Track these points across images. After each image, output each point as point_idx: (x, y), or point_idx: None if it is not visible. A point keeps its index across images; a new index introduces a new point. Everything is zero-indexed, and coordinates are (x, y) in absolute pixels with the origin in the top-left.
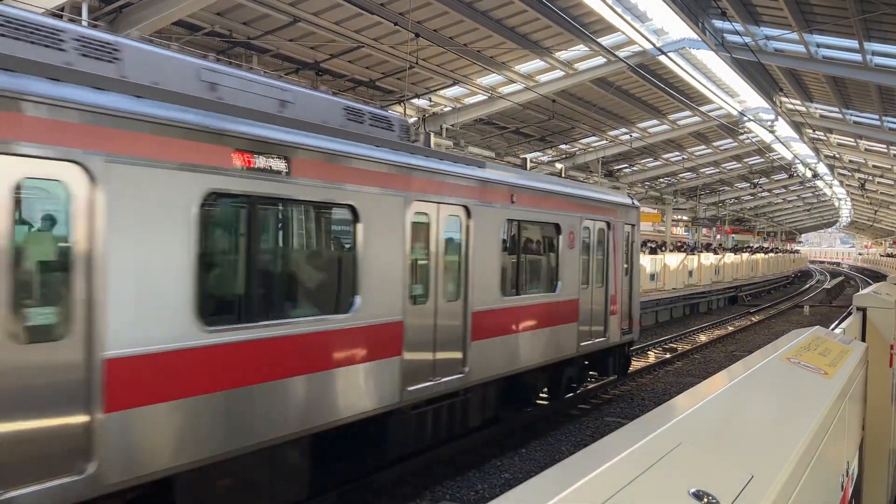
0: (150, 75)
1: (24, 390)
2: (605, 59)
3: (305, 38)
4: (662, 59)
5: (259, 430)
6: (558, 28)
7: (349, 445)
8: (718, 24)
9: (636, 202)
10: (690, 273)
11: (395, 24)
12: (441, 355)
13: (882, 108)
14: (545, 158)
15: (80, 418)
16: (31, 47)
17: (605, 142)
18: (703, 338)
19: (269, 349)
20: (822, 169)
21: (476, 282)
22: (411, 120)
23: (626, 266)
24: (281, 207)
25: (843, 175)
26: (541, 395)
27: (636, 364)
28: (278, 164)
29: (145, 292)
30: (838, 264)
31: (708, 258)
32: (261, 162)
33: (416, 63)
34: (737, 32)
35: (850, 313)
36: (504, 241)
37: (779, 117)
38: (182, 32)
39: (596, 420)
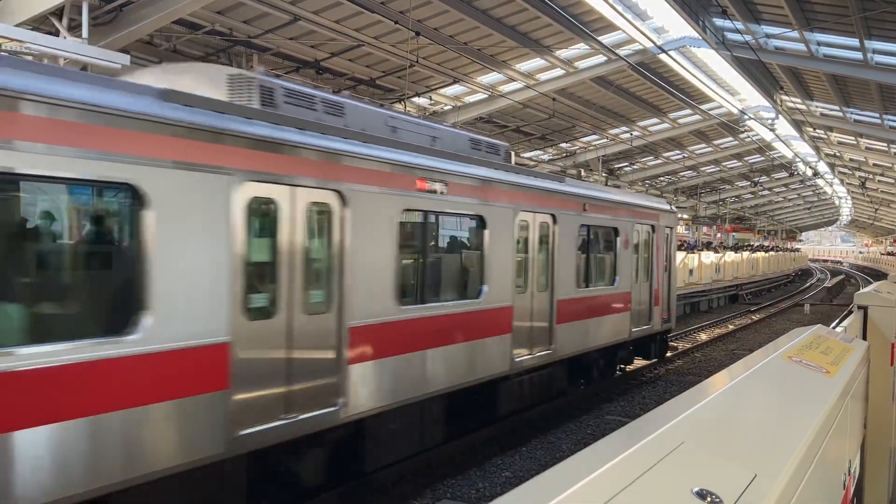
0: (360, 124)
1: (307, 350)
2: (605, 58)
3: (306, 37)
4: (663, 57)
5: (428, 384)
6: (558, 26)
7: (473, 402)
8: (719, 22)
9: (674, 207)
10: (691, 272)
11: (396, 22)
12: (536, 334)
13: (883, 106)
14: (545, 157)
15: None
16: (296, 109)
17: (605, 140)
18: (703, 336)
19: (434, 324)
20: (822, 167)
21: (559, 276)
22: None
23: (665, 263)
24: (440, 218)
25: (844, 173)
26: (598, 372)
27: (639, 360)
28: (440, 187)
29: (371, 280)
30: (839, 263)
31: (708, 256)
32: (430, 185)
33: (417, 61)
34: (737, 31)
35: (850, 312)
36: (579, 242)
37: (779, 115)
38: (182, 31)
39: (596, 419)
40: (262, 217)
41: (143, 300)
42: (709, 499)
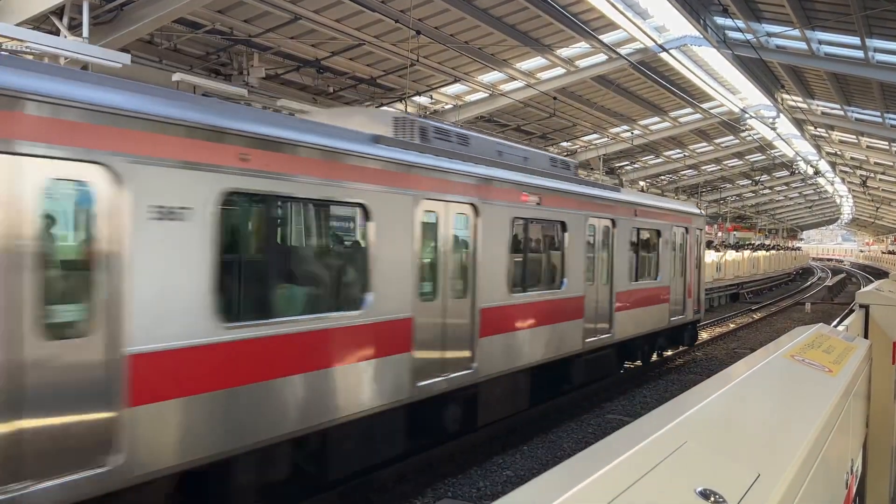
0: (479, 150)
1: (454, 326)
2: (606, 57)
3: (306, 36)
4: (664, 56)
5: (527, 357)
6: (559, 25)
7: (553, 376)
8: (720, 20)
9: (703, 212)
10: None
11: (396, 21)
12: (599, 322)
13: (884, 104)
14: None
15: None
16: (440, 142)
17: (606, 139)
18: (704, 335)
19: (532, 308)
20: (823, 166)
21: (617, 271)
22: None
23: (696, 261)
24: (537, 224)
25: (845, 172)
26: (639, 356)
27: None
28: (536, 199)
29: (493, 272)
30: (840, 261)
31: (709, 255)
32: (530, 198)
33: (417, 60)
34: (738, 29)
35: (852, 310)
36: (631, 243)
37: (780, 114)
38: (183, 30)
39: (597, 417)
40: (430, 225)
41: (367, 286)
42: (712, 498)
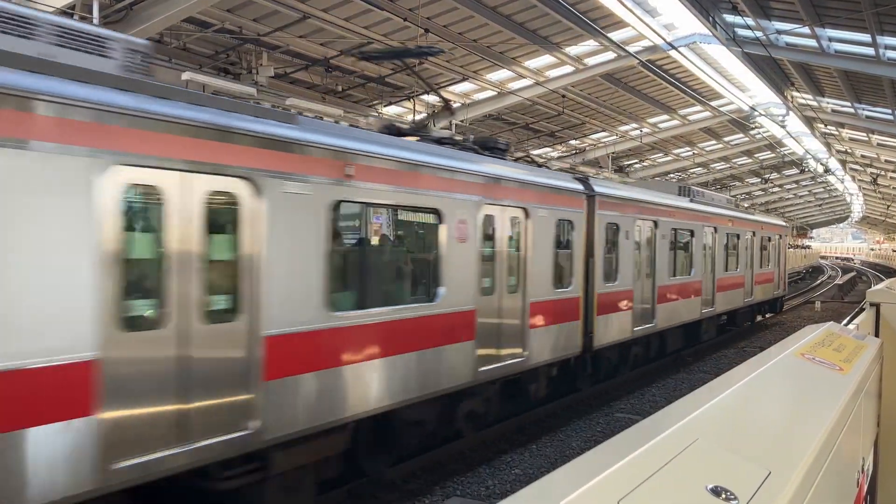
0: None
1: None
2: (614, 55)
3: (315, 35)
4: (673, 53)
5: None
6: (567, 23)
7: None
8: (729, 18)
9: (786, 223)
10: None
11: (405, 19)
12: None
13: (895, 102)
14: (555, 154)
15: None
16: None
17: (614, 137)
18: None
19: (727, 282)
20: (833, 164)
21: (753, 262)
22: (420, 116)
23: (784, 257)
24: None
25: (855, 170)
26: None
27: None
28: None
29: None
30: (850, 259)
31: None
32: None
33: (426, 59)
34: (748, 27)
35: (862, 309)
36: (762, 247)
37: (790, 112)
38: (192, 29)
39: (606, 416)
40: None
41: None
42: (724, 496)
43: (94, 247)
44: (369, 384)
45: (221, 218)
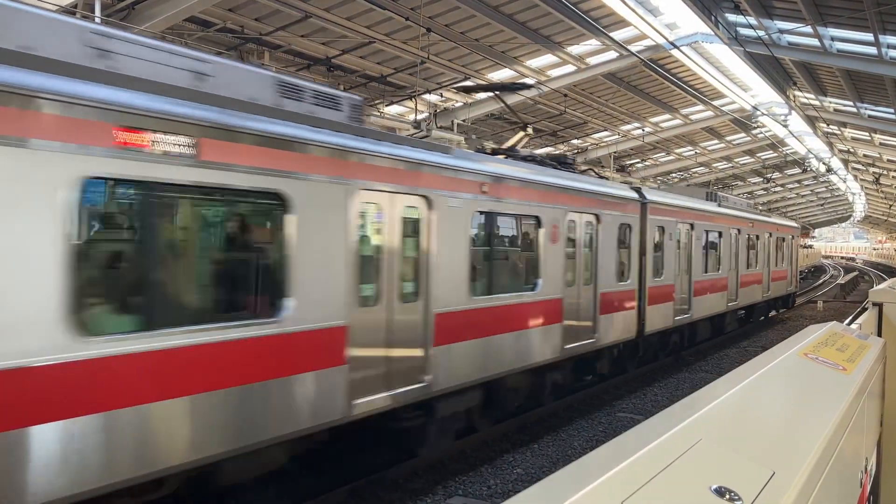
0: (734, 204)
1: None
2: (616, 54)
3: (317, 34)
4: (675, 53)
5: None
6: (570, 23)
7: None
8: (731, 17)
9: (798, 224)
10: None
11: (407, 19)
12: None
13: None
14: (556, 154)
15: None
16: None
17: (616, 136)
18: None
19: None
20: (835, 163)
21: (771, 260)
22: (422, 115)
23: (795, 255)
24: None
25: (858, 169)
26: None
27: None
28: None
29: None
30: (852, 259)
31: None
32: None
33: (428, 58)
34: (750, 26)
35: (864, 308)
36: (777, 246)
37: (792, 111)
38: (194, 29)
39: (608, 416)
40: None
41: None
42: (727, 496)
43: (348, 247)
44: (493, 354)
45: (410, 226)
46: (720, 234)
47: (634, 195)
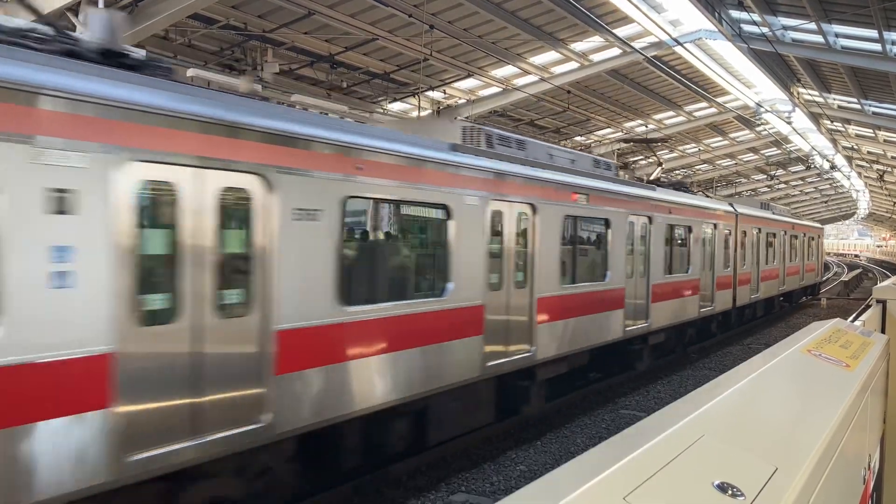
0: (779, 212)
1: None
2: (620, 51)
3: (320, 31)
4: (678, 50)
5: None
6: (573, 19)
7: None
8: (735, 14)
9: (822, 226)
10: None
11: (410, 16)
12: (770, 283)
13: None
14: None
15: None
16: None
17: (620, 133)
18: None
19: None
20: (839, 160)
21: (798, 255)
22: (426, 112)
23: (821, 251)
24: (769, 236)
25: (861, 166)
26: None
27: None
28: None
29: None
30: (856, 256)
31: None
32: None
33: (431, 55)
34: (754, 23)
35: (868, 306)
36: (808, 245)
37: (796, 108)
38: (197, 26)
39: (611, 413)
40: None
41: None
42: (730, 492)
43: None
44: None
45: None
46: (775, 235)
47: (731, 209)
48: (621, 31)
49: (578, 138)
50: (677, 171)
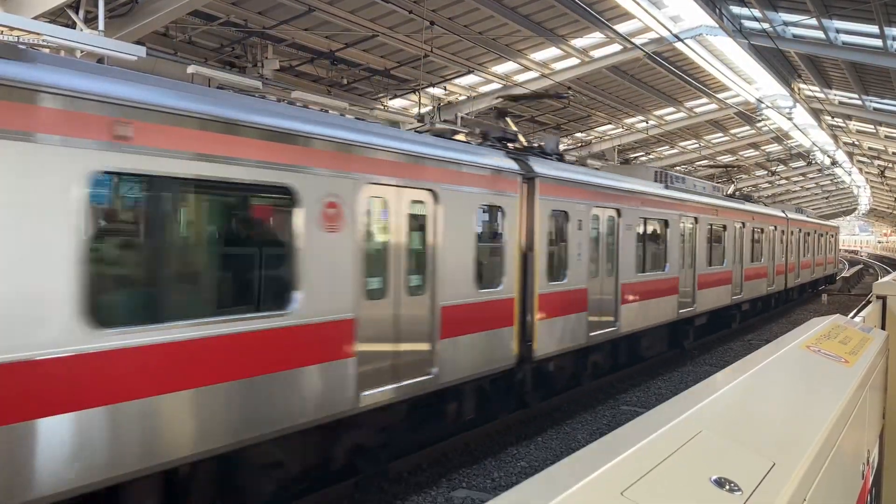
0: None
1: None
2: (620, 47)
3: (320, 28)
4: (679, 46)
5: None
6: (573, 15)
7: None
8: (736, 9)
9: (838, 225)
10: None
11: (410, 12)
12: (795, 273)
13: None
14: (561, 147)
15: None
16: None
17: (621, 129)
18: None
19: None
20: (840, 156)
21: (814, 251)
22: (426, 109)
23: (837, 247)
24: (802, 234)
25: (863, 162)
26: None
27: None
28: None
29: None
30: (856, 252)
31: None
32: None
33: (431, 51)
34: (754, 18)
35: (868, 302)
36: (816, 240)
37: (797, 104)
38: (198, 23)
39: (612, 409)
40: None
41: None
42: (727, 487)
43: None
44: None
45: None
46: (808, 234)
47: (784, 215)
48: (622, 28)
49: (579, 134)
50: (678, 168)
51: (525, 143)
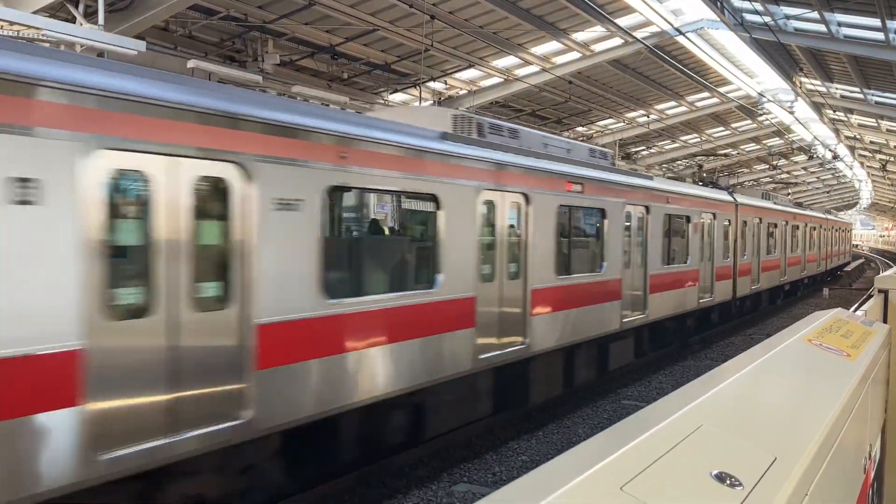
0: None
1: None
2: (622, 41)
3: (321, 22)
4: (680, 39)
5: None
6: (574, 9)
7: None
8: (737, 3)
9: (851, 221)
10: None
11: (411, 6)
12: (834, 257)
13: None
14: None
15: None
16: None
17: (622, 124)
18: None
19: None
20: (842, 150)
21: (831, 244)
22: (427, 103)
23: (850, 240)
24: (818, 229)
25: (864, 156)
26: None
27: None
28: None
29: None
30: (857, 246)
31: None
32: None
33: (432, 46)
34: (756, 12)
35: (870, 296)
36: (832, 235)
37: (798, 98)
38: (197, 17)
39: (613, 403)
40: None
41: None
42: (728, 482)
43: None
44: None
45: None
46: (830, 229)
47: (814, 214)
48: (623, 21)
49: (580, 129)
50: (679, 162)
51: None
